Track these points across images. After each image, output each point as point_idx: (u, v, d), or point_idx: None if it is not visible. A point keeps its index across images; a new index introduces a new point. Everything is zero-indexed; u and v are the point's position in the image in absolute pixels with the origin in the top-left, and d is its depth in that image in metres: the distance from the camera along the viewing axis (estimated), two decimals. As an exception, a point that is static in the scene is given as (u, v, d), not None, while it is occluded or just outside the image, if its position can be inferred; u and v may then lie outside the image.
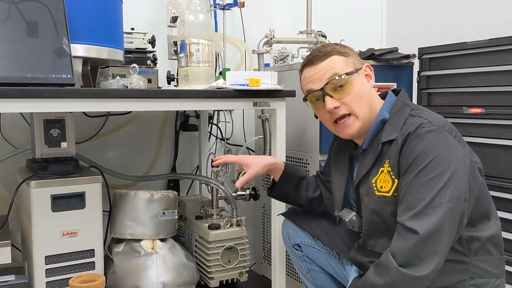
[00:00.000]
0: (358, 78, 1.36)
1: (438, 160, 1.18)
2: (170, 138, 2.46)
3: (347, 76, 1.33)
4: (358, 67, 1.37)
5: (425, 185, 1.17)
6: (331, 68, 1.35)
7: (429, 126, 1.22)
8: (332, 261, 1.59)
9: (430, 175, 1.17)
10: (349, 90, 1.33)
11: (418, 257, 1.14)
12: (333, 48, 1.38)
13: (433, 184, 1.17)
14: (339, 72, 1.34)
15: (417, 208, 1.16)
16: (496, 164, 1.75)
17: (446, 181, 1.16)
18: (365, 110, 1.35)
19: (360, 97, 1.34)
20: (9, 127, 2.08)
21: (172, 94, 1.65)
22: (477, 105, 1.84)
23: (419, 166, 1.19)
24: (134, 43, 2.05)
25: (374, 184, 1.31)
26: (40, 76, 1.47)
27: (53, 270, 1.67)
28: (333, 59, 1.36)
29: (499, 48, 1.76)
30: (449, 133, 1.23)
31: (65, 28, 1.55)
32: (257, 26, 2.50)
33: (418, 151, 1.20)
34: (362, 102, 1.34)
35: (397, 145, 1.26)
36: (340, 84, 1.33)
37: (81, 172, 1.78)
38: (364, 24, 2.84)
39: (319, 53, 1.38)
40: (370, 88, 1.39)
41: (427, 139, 1.21)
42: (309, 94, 1.38)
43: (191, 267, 1.86)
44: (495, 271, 1.29)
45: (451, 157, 1.19)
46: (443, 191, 1.16)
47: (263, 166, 1.61)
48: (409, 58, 2.03)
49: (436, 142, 1.20)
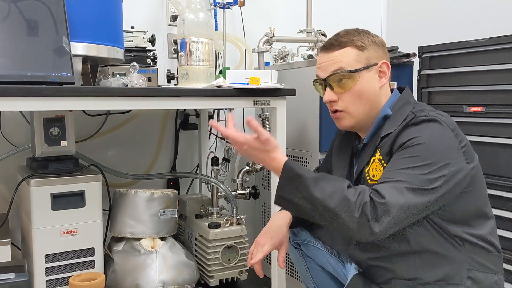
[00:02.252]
0: (367, 75, 1.33)
1: (425, 145, 1.18)
2: (170, 137, 2.46)
3: (350, 73, 1.31)
4: (372, 63, 1.34)
5: (403, 161, 1.18)
6: (340, 60, 1.32)
7: (425, 116, 1.23)
8: (332, 260, 1.59)
9: (411, 154, 1.18)
10: (350, 87, 1.32)
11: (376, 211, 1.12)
12: (350, 39, 1.34)
13: (410, 162, 1.17)
14: (345, 67, 1.32)
15: (390, 181, 1.16)
16: (496, 163, 1.75)
17: (423, 165, 1.16)
18: (362, 110, 1.34)
19: (360, 95, 1.33)
20: (9, 126, 2.08)
21: (173, 93, 1.65)
22: (477, 104, 1.84)
23: (406, 146, 1.19)
24: (134, 42, 2.05)
25: (367, 174, 1.32)
26: (40, 74, 1.47)
27: (53, 269, 1.67)
28: (345, 51, 1.33)
29: (499, 47, 1.76)
30: (447, 125, 1.23)
31: (65, 26, 1.55)
32: (257, 24, 2.50)
33: (410, 136, 1.21)
34: (361, 101, 1.33)
35: (391, 136, 1.26)
36: (342, 79, 1.32)
37: (81, 170, 1.77)
38: (364, 23, 2.80)
39: (335, 41, 1.35)
40: (380, 87, 1.35)
41: (421, 126, 1.21)
42: (315, 80, 1.40)
43: (191, 266, 1.86)
44: (492, 267, 1.29)
45: (439, 146, 1.19)
46: (416, 170, 1.15)
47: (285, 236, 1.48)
48: (409, 56, 2.03)
49: (429, 130, 1.21)
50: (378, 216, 1.12)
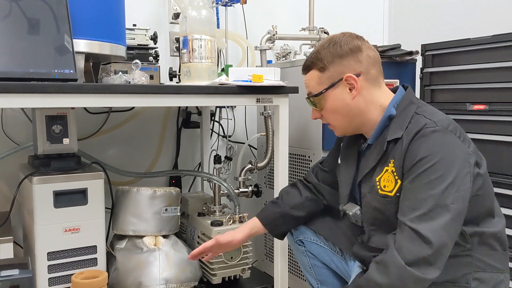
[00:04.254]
0: (332, 94, 1.36)
1: (441, 161, 1.18)
2: (172, 135, 2.45)
3: (315, 97, 1.39)
4: (335, 80, 1.35)
5: (429, 185, 1.18)
6: (307, 85, 1.42)
7: (433, 127, 1.22)
8: (335, 257, 1.59)
9: (434, 176, 1.18)
10: (322, 107, 1.40)
11: (428, 262, 1.15)
12: (312, 62, 1.39)
13: (437, 185, 1.17)
14: (312, 91, 1.40)
15: (422, 209, 1.17)
16: (500, 160, 1.75)
17: (450, 182, 1.17)
18: (344, 123, 1.39)
19: (335, 111, 1.38)
20: (11, 124, 2.08)
21: (175, 90, 1.65)
22: (480, 101, 1.84)
23: (423, 167, 1.19)
24: (136, 40, 2.04)
25: (377, 183, 1.31)
26: (42, 71, 1.47)
27: (56, 266, 1.66)
28: (310, 75, 1.41)
29: (502, 44, 1.75)
30: (453, 133, 1.23)
31: (68, 24, 1.54)
32: (259, 22, 2.50)
33: (421, 153, 1.20)
34: (337, 116, 1.39)
35: (402, 145, 1.25)
36: (313, 101, 1.41)
37: (83, 168, 1.77)
38: (366, 21, 2.83)
39: (304, 64, 1.43)
40: (352, 98, 1.34)
41: (431, 139, 1.21)
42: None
43: (193, 264, 1.85)
44: (499, 266, 1.29)
45: (455, 158, 1.19)
46: (446, 192, 1.16)
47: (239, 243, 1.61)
48: (412, 54, 2.03)
49: (440, 143, 1.20)
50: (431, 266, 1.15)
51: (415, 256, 1.14)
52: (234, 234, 1.58)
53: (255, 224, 1.60)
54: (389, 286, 1.16)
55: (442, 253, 1.15)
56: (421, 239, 1.15)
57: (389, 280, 1.16)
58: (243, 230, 1.59)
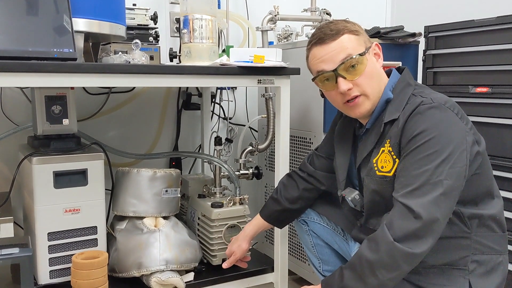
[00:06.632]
0: (369, 57, 1.32)
1: (438, 137, 1.17)
2: (172, 117, 2.44)
3: (360, 57, 1.29)
4: (368, 46, 1.33)
5: (423, 161, 1.16)
6: (344, 48, 1.29)
7: (429, 103, 1.21)
8: (337, 238, 1.59)
9: (428, 151, 1.16)
10: (362, 70, 1.29)
11: (416, 236, 1.13)
12: (344, 26, 1.32)
13: (431, 161, 1.16)
14: (352, 52, 1.29)
15: (414, 185, 1.16)
16: (502, 143, 1.74)
17: (444, 158, 1.15)
18: (376, 90, 1.32)
19: (371, 77, 1.31)
20: (10, 104, 2.07)
21: (176, 70, 1.63)
22: (483, 84, 1.82)
23: (418, 142, 1.18)
24: (136, 19, 2.02)
25: (375, 164, 1.30)
26: (42, 50, 1.45)
27: (56, 247, 1.66)
28: (345, 38, 1.30)
29: (507, 26, 1.73)
30: (451, 109, 1.22)
31: (67, 3, 1.52)
32: (261, 3, 2.47)
33: (418, 129, 1.19)
34: (373, 82, 1.32)
35: (398, 125, 1.24)
36: (353, 65, 1.29)
37: (83, 149, 1.76)
38: (369, 2, 2.80)
39: (330, 31, 1.31)
40: (379, 67, 1.36)
41: (427, 116, 1.20)
42: (320, 74, 1.33)
43: (194, 245, 1.86)
44: (497, 248, 1.29)
45: (452, 134, 1.18)
46: (440, 168, 1.15)
47: (247, 244, 1.74)
48: (414, 36, 2.00)
49: (436, 119, 1.19)
50: (419, 240, 1.14)
51: (404, 231, 1.13)
52: (245, 235, 1.74)
53: (261, 223, 1.72)
54: (379, 262, 1.15)
55: (432, 228, 1.14)
56: (411, 214, 1.14)
57: (378, 256, 1.15)
58: (252, 229, 1.74)
